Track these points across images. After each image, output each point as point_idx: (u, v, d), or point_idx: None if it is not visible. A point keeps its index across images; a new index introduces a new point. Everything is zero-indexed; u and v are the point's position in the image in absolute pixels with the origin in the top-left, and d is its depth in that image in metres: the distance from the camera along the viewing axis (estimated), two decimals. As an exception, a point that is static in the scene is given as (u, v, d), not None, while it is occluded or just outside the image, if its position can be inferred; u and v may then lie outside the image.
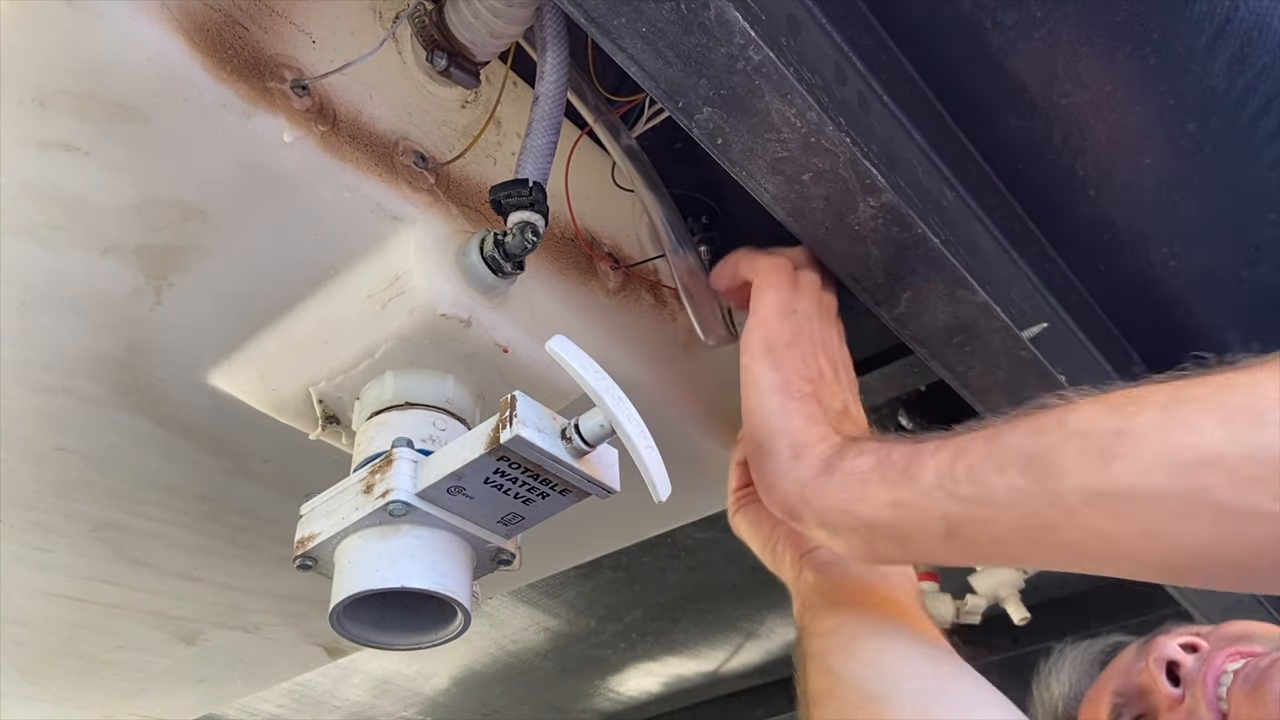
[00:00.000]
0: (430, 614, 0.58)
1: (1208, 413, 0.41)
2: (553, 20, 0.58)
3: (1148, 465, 0.41)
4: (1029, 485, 0.45)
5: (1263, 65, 0.61)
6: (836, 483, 0.55)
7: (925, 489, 0.50)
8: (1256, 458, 0.39)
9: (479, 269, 0.60)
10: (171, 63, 0.50)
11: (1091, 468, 0.43)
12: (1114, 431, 0.43)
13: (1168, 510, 0.41)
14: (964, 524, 0.49)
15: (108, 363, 0.69)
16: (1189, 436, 0.40)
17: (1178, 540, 0.42)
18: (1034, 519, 0.46)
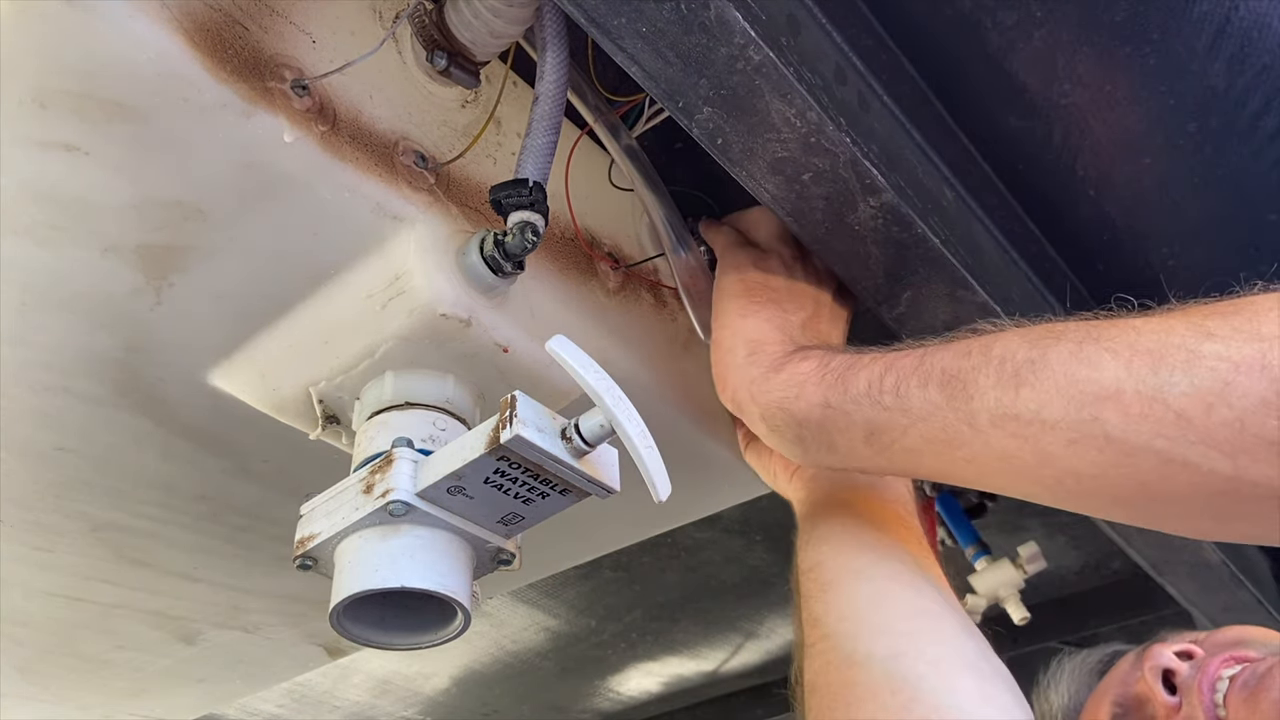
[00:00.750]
0: (430, 614, 0.58)
1: (1115, 352, 0.43)
2: (553, 20, 0.58)
3: (1050, 394, 0.44)
4: (943, 401, 0.48)
5: (1263, 65, 0.61)
6: (780, 381, 0.58)
7: (854, 395, 0.53)
8: (1148, 395, 0.41)
9: (479, 269, 0.60)
10: (171, 62, 0.50)
11: (1002, 391, 0.46)
12: (1028, 360, 0.46)
13: (1062, 437, 0.44)
14: (883, 430, 0.52)
15: (107, 363, 0.68)
16: (1091, 371, 0.43)
17: (1068, 466, 0.44)
18: (944, 433, 0.49)
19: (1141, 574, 1.04)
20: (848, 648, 0.55)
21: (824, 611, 0.58)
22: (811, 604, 0.59)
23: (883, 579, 0.59)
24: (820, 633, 0.57)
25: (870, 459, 0.54)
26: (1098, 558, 1.50)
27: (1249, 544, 0.48)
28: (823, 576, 0.60)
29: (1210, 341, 0.40)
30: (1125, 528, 0.92)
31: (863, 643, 0.55)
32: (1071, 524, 1.38)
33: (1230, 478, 0.40)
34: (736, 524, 1.46)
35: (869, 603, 0.58)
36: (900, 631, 0.56)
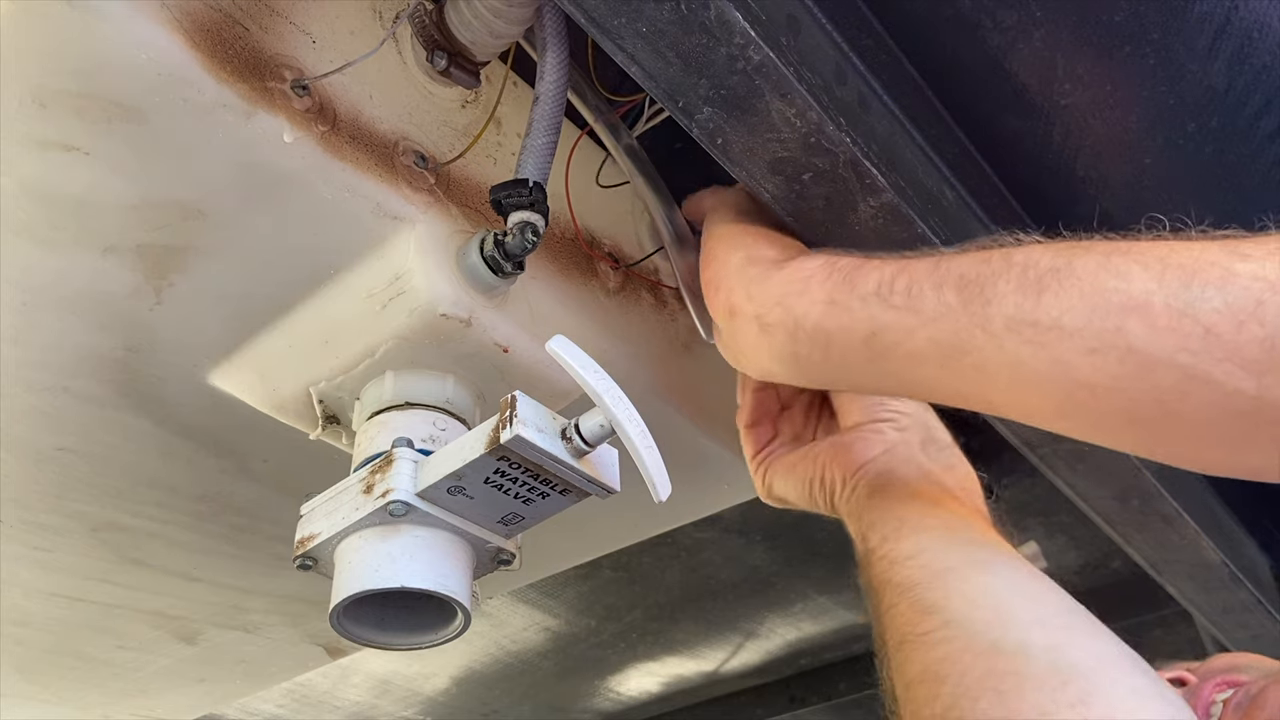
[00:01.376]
0: (430, 614, 0.58)
1: (1145, 265, 0.42)
2: (553, 20, 0.58)
3: (1074, 300, 0.43)
4: (958, 303, 0.46)
5: (1263, 65, 0.61)
6: (782, 278, 0.55)
7: (862, 294, 0.50)
8: (1178, 309, 0.40)
9: (479, 269, 0.60)
10: (171, 63, 0.50)
11: (1022, 296, 0.44)
12: (1052, 268, 0.44)
13: (1082, 344, 0.42)
14: (887, 330, 0.49)
15: (107, 362, 0.68)
16: (1120, 281, 0.42)
17: (1083, 377, 0.43)
18: (954, 335, 0.46)
19: (1141, 574, 1.04)
20: (992, 636, 0.49)
21: (945, 599, 0.52)
22: (924, 592, 0.53)
23: (1009, 570, 0.54)
24: (941, 619, 0.52)
25: (865, 366, 0.51)
26: (1098, 557, 1.50)
27: (1261, 479, 0.46)
28: (932, 564, 0.55)
29: (1246, 262, 0.39)
30: (1125, 527, 0.92)
31: (1012, 631, 0.50)
32: (1071, 524, 1.38)
33: (1253, 398, 0.39)
34: (736, 524, 1.46)
35: (1007, 592, 0.52)
36: (1055, 624, 0.51)
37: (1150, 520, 0.90)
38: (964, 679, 0.48)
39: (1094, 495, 0.87)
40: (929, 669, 0.50)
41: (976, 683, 0.47)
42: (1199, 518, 0.92)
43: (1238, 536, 1.06)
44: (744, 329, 0.57)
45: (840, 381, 0.54)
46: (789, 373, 0.56)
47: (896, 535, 0.57)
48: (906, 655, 0.52)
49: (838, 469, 0.64)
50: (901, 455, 0.63)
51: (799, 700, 2.03)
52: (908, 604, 0.53)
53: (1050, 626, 0.50)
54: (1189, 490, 0.94)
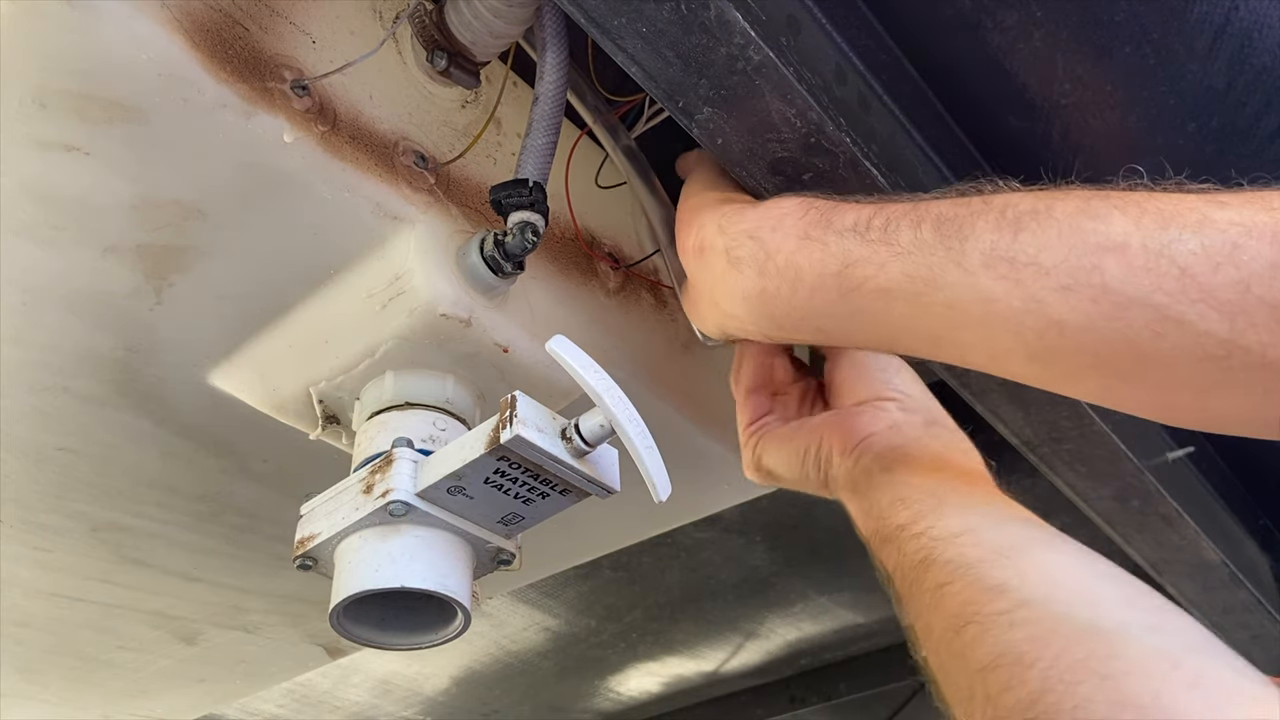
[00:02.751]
0: (430, 614, 0.58)
1: (1123, 209, 0.42)
2: (553, 20, 0.58)
3: (1051, 238, 0.43)
4: (934, 239, 0.46)
5: (1263, 65, 0.61)
6: (757, 213, 0.54)
7: (838, 230, 0.50)
8: (1155, 250, 0.40)
9: (479, 269, 0.60)
10: (171, 63, 0.50)
11: (999, 234, 0.44)
12: (1031, 210, 0.44)
13: (1056, 281, 0.42)
14: (860, 263, 0.48)
15: (107, 362, 0.69)
16: (1098, 223, 0.42)
17: (1056, 315, 0.43)
18: (928, 270, 0.46)
19: (1141, 574, 1.04)
20: (1084, 616, 0.46)
21: (1018, 578, 0.49)
22: (988, 569, 0.50)
23: (1076, 549, 0.51)
24: (1016, 599, 0.48)
25: (835, 303, 0.50)
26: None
27: (1221, 429, 0.45)
28: (993, 541, 0.51)
29: (1223, 209, 0.40)
30: (1125, 527, 0.92)
31: (1107, 612, 0.46)
32: (1072, 524, 1.37)
33: (1224, 340, 0.39)
34: (736, 524, 1.46)
35: (1085, 571, 0.49)
36: (1148, 605, 0.47)
37: (1150, 520, 0.90)
38: (1056, 663, 0.44)
39: (1094, 495, 0.87)
40: (1009, 650, 0.46)
41: (1075, 666, 0.44)
42: (1199, 518, 0.92)
43: (1238, 536, 1.06)
44: (712, 264, 0.55)
45: (808, 324, 0.52)
46: (754, 315, 0.54)
47: (936, 511, 0.54)
48: (973, 638, 0.48)
49: (836, 441, 0.61)
50: (908, 433, 0.60)
51: (799, 700, 2.03)
52: (967, 583, 0.50)
53: (1144, 607, 0.47)
54: (1189, 490, 0.94)
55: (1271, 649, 1.18)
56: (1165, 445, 0.90)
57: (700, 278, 0.57)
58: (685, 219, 0.58)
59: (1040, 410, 0.75)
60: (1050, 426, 0.77)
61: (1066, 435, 0.78)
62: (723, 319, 0.56)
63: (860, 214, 0.50)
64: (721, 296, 0.55)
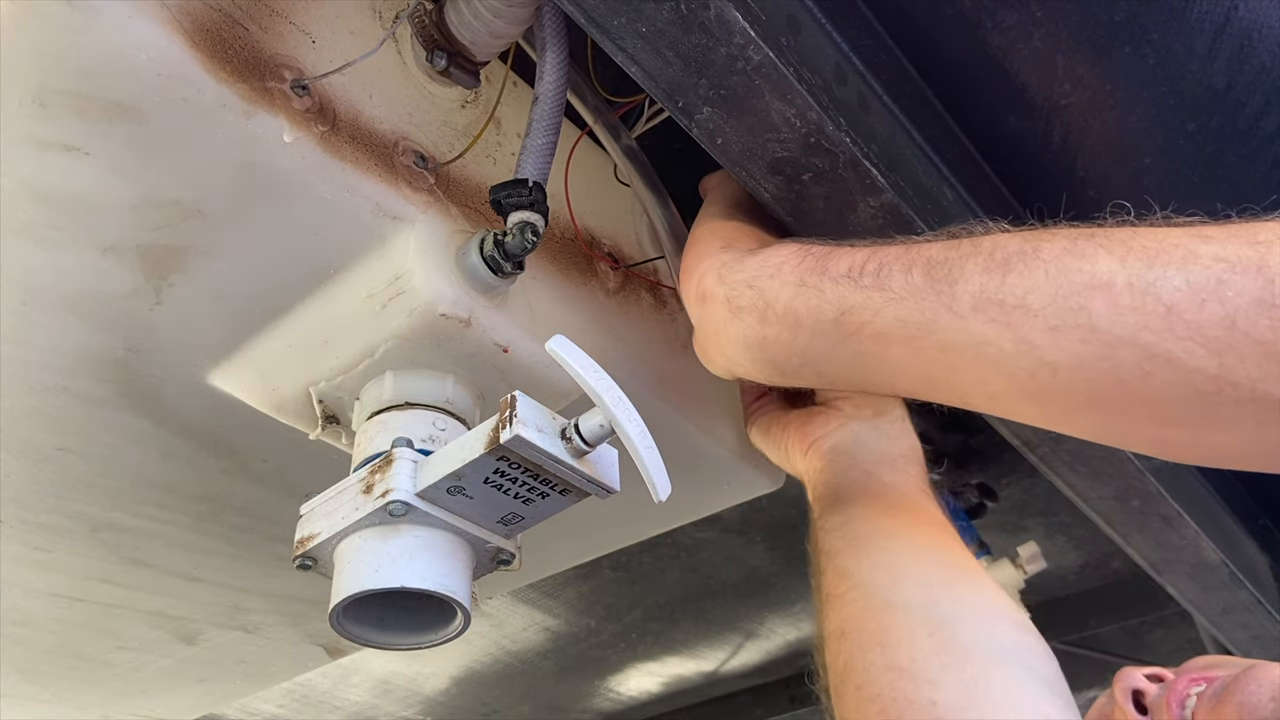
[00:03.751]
0: (430, 614, 0.58)
1: (1109, 249, 0.42)
2: (552, 20, 0.58)
3: (1039, 280, 0.43)
4: (925, 283, 0.47)
5: (1262, 65, 0.61)
6: (755, 262, 0.56)
7: (833, 276, 0.51)
8: (1140, 288, 0.40)
9: (479, 269, 0.60)
10: (171, 63, 0.50)
11: (989, 276, 0.45)
12: (1019, 251, 0.45)
13: (1045, 324, 0.43)
14: (855, 310, 0.50)
15: (107, 362, 0.69)
16: (1084, 263, 0.43)
17: (1046, 357, 0.43)
18: (920, 315, 0.47)
19: (1141, 574, 1.04)
20: (884, 595, 0.55)
21: (856, 564, 0.58)
22: (840, 558, 0.60)
23: (915, 538, 0.59)
24: (851, 583, 0.58)
25: (833, 349, 0.52)
26: (1098, 558, 1.50)
27: (1221, 463, 0.46)
28: (853, 532, 0.60)
29: (1208, 244, 0.40)
30: (1125, 527, 0.92)
31: (900, 591, 0.56)
32: (1071, 524, 1.38)
33: (1213, 377, 0.39)
34: (736, 524, 1.46)
35: (904, 557, 0.58)
36: (937, 582, 0.56)
37: (1150, 520, 0.90)
38: (860, 634, 0.55)
39: (1094, 495, 0.87)
40: (839, 626, 0.57)
41: (869, 637, 0.54)
42: (1199, 518, 0.92)
43: (1238, 536, 1.06)
44: (714, 313, 0.57)
45: (807, 370, 0.54)
46: (756, 361, 0.56)
47: (830, 508, 0.63)
48: (826, 614, 0.58)
49: (797, 439, 0.69)
50: (851, 431, 0.68)
51: (799, 700, 2.03)
52: (831, 569, 0.60)
53: (932, 584, 0.56)
54: (1189, 490, 0.94)
55: (1271, 649, 1.18)
56: (1165, 445, 0.89)
57: (704, 325, 0.59)
58: (688, 264, 0.61)
59: (1040, 410, 0.75)
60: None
61: (1067, 435, 0.78)
62: (727, 364, 0.59)
63: (854, 259, 0.51)
64: (725, 344, 0.57)
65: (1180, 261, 0.40)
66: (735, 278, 0.56)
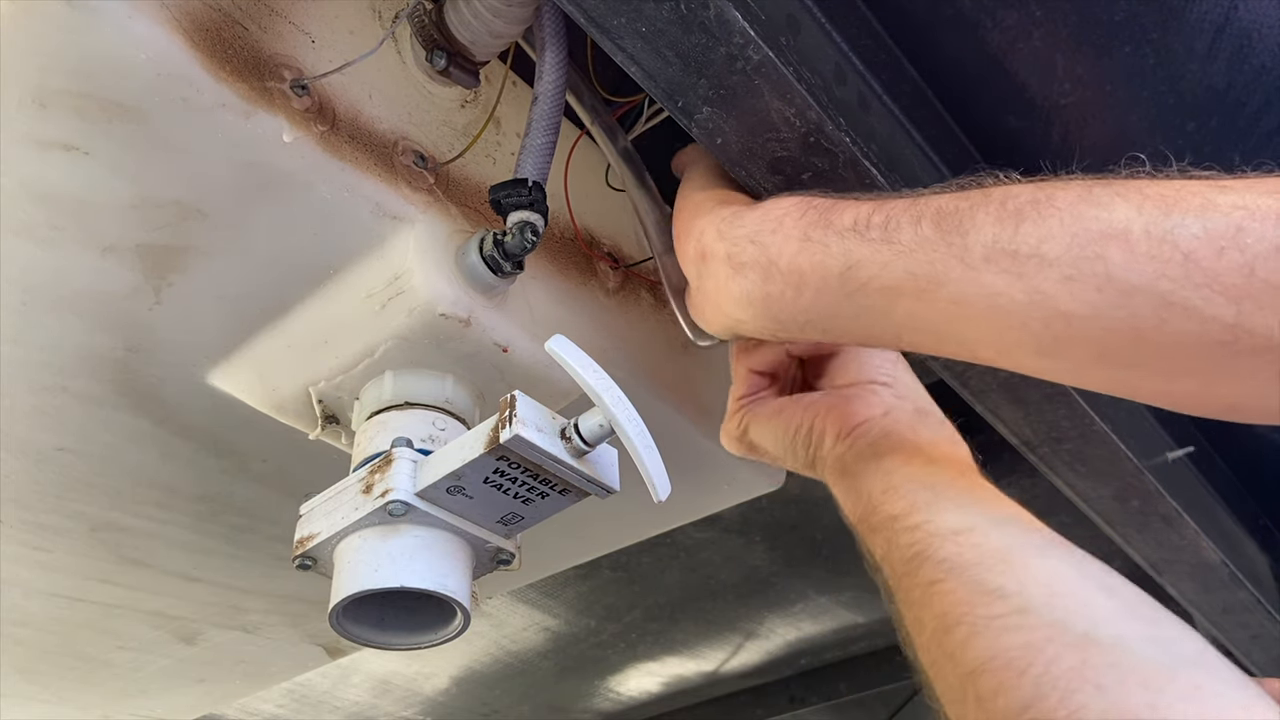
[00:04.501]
0: (430, 614, 0.58)
1: (1125, 196, 0.41)
2: (552, 20, 0.58)
3: (1053, 229, 0.42)
4: (935, 235, 0.46)
5: (1262, 65, 0.61)
6: (756, 215, 0.54)
7: (838, 230, 0.50)
8: (1158, 236, 0.40)
9: (478, 269, 0.60)
10: (171, 62, 0.50)
11: (1001, 226, 0.44)
12: (1032, 200, 0.44)
13: (1060, 272, 0.42)
14: (863, 264, 0.48)
15: (107, 362, 0.68)
16: (1100, 210, 0.42)
17: (1061, 307, 0.42)
18: (930, 267, 0.46)
19: (1141, 574, 1.04)
20: (1081, 626, 0.45)
21: (1015, 583, 0.48)
22: (983, 573, 0.49)
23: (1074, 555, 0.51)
24: (1014, 604, 0.48)
25: (840, 304, 0.50)
26: (1098, 558, 1.49)
27: (1229, 416, 0.45)
28: (989, 542, 0.50)
29: (1226, 193, 0.39)
30: (1125, 527, 0.92)
31: (1104, 622, 0.46)
32: (1071, 524, 1.37)
33: (1230, 325, 0.38)
34: (736, 524, 1.46)
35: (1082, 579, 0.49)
36: (1146, 615, 0.47)
37: (1150, 520, 0.90)
38: (1050, 670, 0.44)
39: (1094, 495, 0.87)
40: (1000, 656, 0.46)
41: (1069, 674, 0.44)
42: (1199, 518, 0.92)
43: (1238, 536, 1.06)
44: (715, 271, 0.55)
45: (813, 325, 0.52)
46: (759, 318, 0.54)
47: (931, 505, 0.53)
48: (963, 639, 0.47)
49: (831, 423, 0.60)
50: (904, 421, 0.60)
51: (799, 700, 2.03)
52: (962, 583, 0.49)
53: (1142, 617, 0.47)
54: (1189, 490, 0.94)
55: (1271, 649, 1.18)
56: (1165, 445, 0.90)
57: (704, 284, 0.56)
58: (683, 224, 0.58)
59: (1040, 410, 0.75)
60: (1050, 426, 0.77)
61: (1066, 435, 0.78)
62: (729, 322, 0.56)
63: (860, 212, 0.49)
64: (726, 301, 0.55)
65: (1198, 209, 0.39)
66: (736, 233, 0.54)
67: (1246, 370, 0.40)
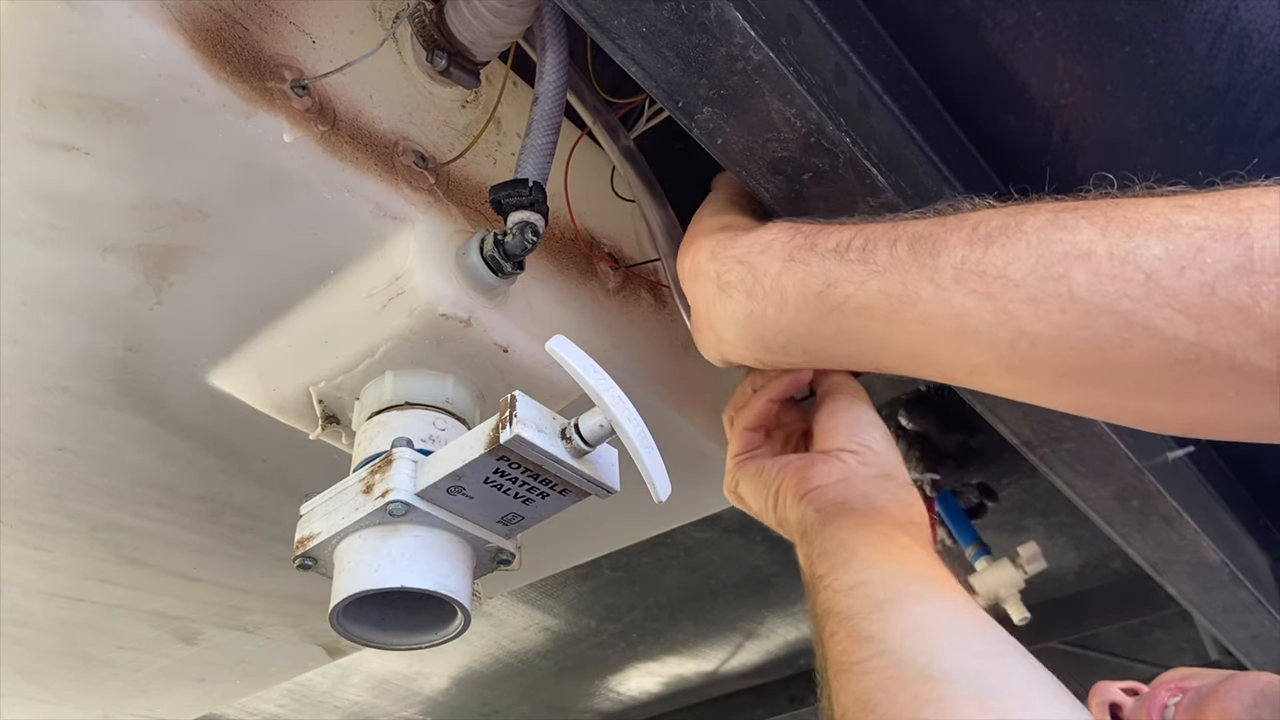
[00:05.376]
0: (430, 614, 0.58)
1: (1090, 219, 0.43)
2: (552, 20, 0.58)
3: (1020, 251, 0.44)
4: (909, 257, 0.48)
5: (1262, 65, 0.62)
6: (748, 239, 0.56)
7: (820, 253, 0.52)
8: (1120, 257, 0.41)
9: (479, 269, 0.60)
10: (171, 63, 0.50)
11: (971, 248, 0.45)
12: (1001, 225, 0.45)
13: (1024, 293, 0.43)
14: (840, 283, 0.50)
15: (107, 362, 0.69)
16: (1065, 234, 0.43)
17: (1026, 327, 0.43)
18: (902, 287, 0.48)
19: (1141, 574, 1.04)
20: (920, 663, 0.50)
21: (882, 629, 0.53)
22: (862, 621, 0.54)
23: (943, 602, 0.55)
24: (876, 649, 0.52)
25: (818, 324, 0.52)
26: (1098, 558, 1.50)
27: (1201, 433, 0.46)
28: (874, 595, 0.55)
29: (1188, 213, 0.40)
30: (1125, 527, 0.92)
31: (938, 660, 0.50)
32: (1071, 524, 1.38)
33: (1192, 344, 0.39)
34: (736, 524, 1.46)
35: (938, 623, 0.53)
36: (980, 652, 0.51)
37: (1150, 520, 0.90)
38: (890, 707, 0.49)
39: (1094, 495, 0.87)
40: (859, 697, 0.51)
41: (902, 709, 0.48)
42: (1199, 518, 0.92)
43: (1238, 536, 1.06)
44: (704, 290, 0.57)
45: (795, 345, 0.54)
46: (744, 338, 0.56)
47: (844, 566, 0.57)
48: (842, 684, 0.52)
49: (791, 485, 0.64)
50: (856, 487, 0.62)
51: (799, 700, 2.03)
52: (846, 633, 0.54)
53: (975, 653, 0.51)
54: (1189, 490, 0.94)
55: (1271, 649, 1.18)
56: (1165, 445, 0.90)
57: (695, 303, 0.59)
58: (685, 244, 0.61)
59: (1040, 410, 0.75)
60: (1050, 426, 0.77)
61: (1066, 435, 0.78)
62: (718, 344, 0.58)
63: (842, 236, 0.51)
64: (715, 321, 0.57)
65: (1160, 230, 0.40)
66: (727, 254, 0.56)
67: (1212, 390, 0.40)
